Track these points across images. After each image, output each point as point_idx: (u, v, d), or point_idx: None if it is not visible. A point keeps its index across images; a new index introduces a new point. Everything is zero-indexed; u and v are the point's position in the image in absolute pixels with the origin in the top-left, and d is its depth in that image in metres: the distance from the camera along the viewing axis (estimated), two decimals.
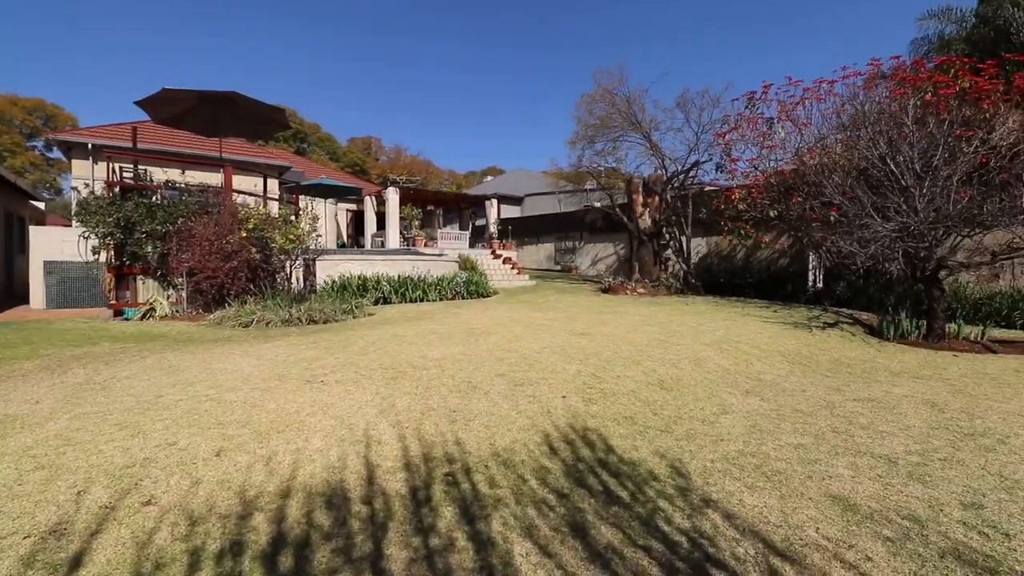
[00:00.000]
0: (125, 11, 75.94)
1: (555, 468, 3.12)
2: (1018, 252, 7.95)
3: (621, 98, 15.34)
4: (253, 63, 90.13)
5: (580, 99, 16.14)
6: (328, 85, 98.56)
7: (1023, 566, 2.11)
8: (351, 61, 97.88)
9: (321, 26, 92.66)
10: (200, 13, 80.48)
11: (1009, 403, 4.42)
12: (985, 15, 15.63)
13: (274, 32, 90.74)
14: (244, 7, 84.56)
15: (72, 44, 75.56)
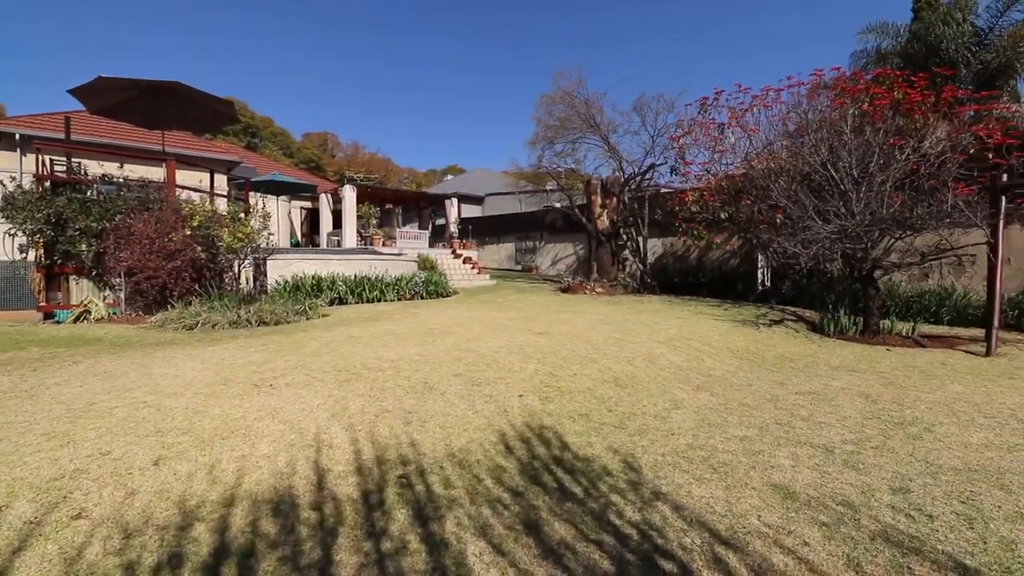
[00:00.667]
0: None
1: (511, 467, 3.12)
2: (945, 253, 8.56)
3: (580, 100, 15.56)
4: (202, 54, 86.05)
5: (540, 100, 16.29)
6: (282, 78, 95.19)
7: (944, 545, 2.27)
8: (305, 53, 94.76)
9: (276, 18, 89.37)
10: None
11: (935, 394, 4.75)
12: (918, 31, 16.78)
13: (223, 26, 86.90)
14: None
15: None
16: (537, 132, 16.21)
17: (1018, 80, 15.93)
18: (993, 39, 15.77)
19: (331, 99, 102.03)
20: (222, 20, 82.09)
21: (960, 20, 16.08)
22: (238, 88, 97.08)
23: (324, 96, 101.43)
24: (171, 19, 77.09)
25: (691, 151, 13.46)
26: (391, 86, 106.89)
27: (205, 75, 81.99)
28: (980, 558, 2.16)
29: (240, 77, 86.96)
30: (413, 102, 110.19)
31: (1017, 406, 4.31)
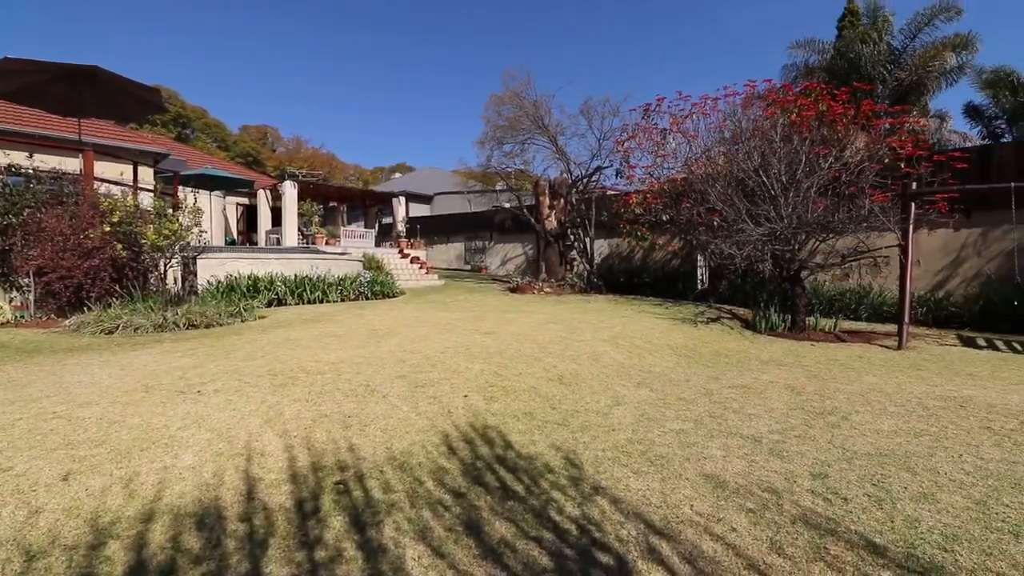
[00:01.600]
0: None
1: (453, 468, 3.09)
2: (862, 255, 9.25)
3: (529, 101, 15.69)
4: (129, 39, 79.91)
5: (489, 99, 16.29)
6: (220, 65, 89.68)
7: (857, 525, 2.43)
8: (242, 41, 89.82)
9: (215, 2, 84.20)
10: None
11: (853, 385, 5.11)
12: (841, 48, 18.08)
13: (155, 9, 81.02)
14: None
15: None
16: (486, 132, 16.22)
17: (928, 97, 17.49)
18: (906, 59, 17.23)
19: (272, 91, 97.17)
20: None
21: (877, 40, 17.47)
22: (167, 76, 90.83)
23: (264, 88, 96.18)
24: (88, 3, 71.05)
25: (635, 155, 13.89)
26: (336, 80, 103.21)
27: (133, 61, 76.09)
28: (888, 536, 2.34)
29: (168, 64, 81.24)
30: (359, 97, 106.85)
31: (923, 395, 4.71)
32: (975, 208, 9.71)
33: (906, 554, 2.19)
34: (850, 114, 9.69)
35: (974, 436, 3.61)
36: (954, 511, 2.54)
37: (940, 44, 16.47)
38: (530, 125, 15.52)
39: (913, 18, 16.97)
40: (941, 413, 4.14)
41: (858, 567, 2.10)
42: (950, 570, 2.08)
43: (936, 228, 10.16)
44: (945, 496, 2.70)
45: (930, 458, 3.21)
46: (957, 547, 2.24)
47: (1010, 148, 10.05)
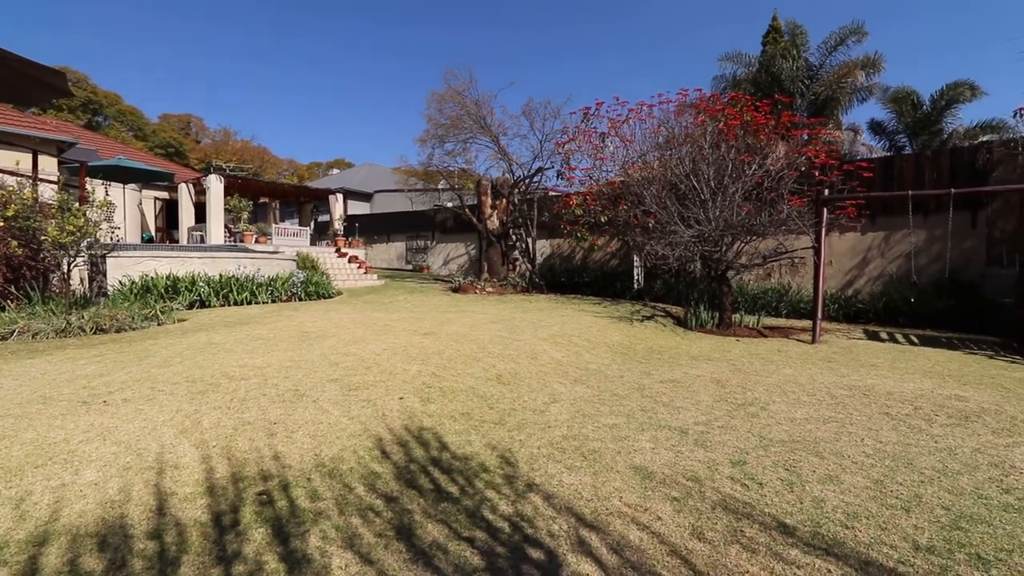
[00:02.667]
0: None
1: (386, 472, 3.01)
2: (781, 256, 9.93)
3: (471, 100, 15.63)
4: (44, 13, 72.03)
5: (430, 97, 16.07)
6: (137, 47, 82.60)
7: (770, 508, 2.59)
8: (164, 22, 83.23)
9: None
10: None
11: (771, 377, 5.46)
12: (765, 63, 19.30)
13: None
14: None
15: None
16: (428, 129, 15.99)
17: (841, 111, 18.99)
18: (822, 75, 18.63)
19: (197, 77, 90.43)
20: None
21: (796, 56, 18.78)
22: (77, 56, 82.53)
23: (188, 73, 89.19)
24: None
25: (575, 157, 14.20)
26: (271, 70, 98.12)
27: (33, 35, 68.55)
28: (797, 516, 2.51)
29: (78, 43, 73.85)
30: (295, 87, 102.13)
31: (832, 385, 5.10)
32: (879, 214, 10.65)
33: (813, 532, 2.36)
34: (771, 124, 10.39)
35: (874, 421, 3.96)
36: (855, 491, 2.77)
37: (851, 63, 17.97)
38: (472, 124, 15.47)
39: (828, 38, 18.44)
40: (847, 401, 4.50)
41: (770, 547, 2.24)
42: (850, 545, 2.26)
43: (846, 232, 11.05)
44: (848, 477, 2.94)
45: (836, 442, 3.48)
46: (857, 524, 2.43)
47: (909, 160, 11.11)
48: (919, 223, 10.18)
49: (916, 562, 2.13)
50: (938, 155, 10.78)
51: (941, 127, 18.16)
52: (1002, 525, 2.44)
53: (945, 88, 17.78)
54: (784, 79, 18.26)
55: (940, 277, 9.72)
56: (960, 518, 2.49)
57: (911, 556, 2.17)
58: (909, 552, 2.20)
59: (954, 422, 3.95)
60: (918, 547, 2.24)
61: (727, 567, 2.10)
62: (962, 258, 9.84)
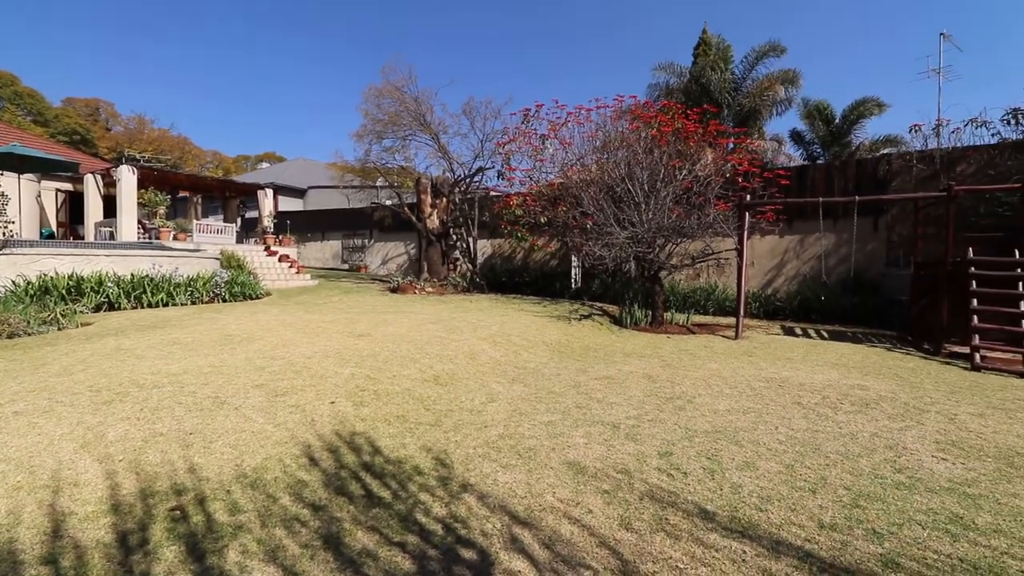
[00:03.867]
0: None
1: (314, 480, 2.88)
2: (708, 257, 10.50)
3: (410, 97, 15.34)
4: None
5: (368, 91, 15.64)
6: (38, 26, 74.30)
7: (693, 496, 2.72)
8: None
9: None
10: None
11: (698, 371, 5.74)
12: (695, 74, 20.29)
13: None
14: None
15: None
16: (365, 125, 15.54)
17: (763, 122, 20.29)
18: (746, 87, 19.83)
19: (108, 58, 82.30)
20: None
21: (723, 69, 19.89)
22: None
23: (96, 55, 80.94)
24: None
25: (515, 158, 14.31)
26: (193, 52, 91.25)
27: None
28: (717, 503, 2.64)
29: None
30: (219, 73, 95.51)
31: (752, 377, 5.44)
32: (795, 218, 11.48)
33: (730, 517, 2.50)
34: (700, 132, 10.96)
35: (788, 410, 4.25)
36: (769, 476, 2.96)
37: (772, 77, 19.27)
38: (411, 121, 15.20)
39: (750, 52, 19.68)
40: (765, 392, 4.81)
41: (692, 533, 2.34)
42: (764, 527, 2.41)
43: (766, 235, 11.84)
44: (763, 463, 3.14)
45: (754, 431, 3.71)
46: (770, 506, 2.60)
47: (821, 169, 12.07)
48: (829, 227, 11.07)
49: (820, 539, 2.31)
50: (846, 165, 11.79)
51: (850, 139, 19.87)
52: (894, 502, 2.69)
53: (854, 103, 19.48)
54: (713, 90, 19.29)
55: (847, 277, 10.62)
56: (859, 497, 2.73)
57: (816, 534, 2.35)
58: (815, 530, 2.38)
59: (856, 409, 4.32)
60: (823, 525, 2.43)
61: (652, 554, 2.18)
62: (866, 260, 10.81)
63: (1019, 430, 3.90)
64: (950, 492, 2.81)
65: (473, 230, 15.31)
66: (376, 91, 15.33)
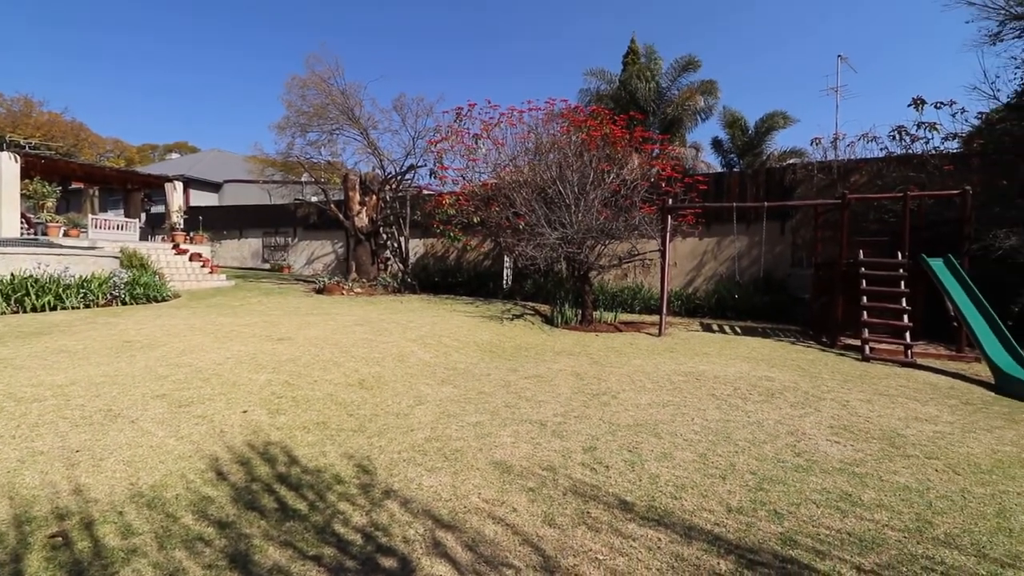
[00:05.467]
0: None
1: (221, 496, 2.68)
2: (634, 258, 10.94)
3: (337, 89, 14.73)
4: None
5: (291, 81, 14.81)
6: None
7: (614, 488, 2.80)
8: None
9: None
10: None
11: (623, 368, 5.94)
12: (624, 81, 21.08)
13: None
14: None
15: None
16: (288, 116, 14.72)
17: (686, 130, 21.42)
18: (671, 96, 20.86)
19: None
20: None
21: (649, 78, 20.80)
22: None
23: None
24: None
25: (448, 157, 14.17)
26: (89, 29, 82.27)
27: None
28: (636, 493, 2.74)
29: None
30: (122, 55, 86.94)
31: (672, 372, 5.71)
32: (713, 222, 12.21)
33: (648, 506, 2.59)
34: (627, 138, 11.40)
35: (703, 402, 4.50)
36: (684, 465, 3.11)
37: (693, 88, 20.42)
38: (339, 115, 14.61)
39: (675, 63, 20.74)
40: (683, 386, 5.06)
41: (611, 524, 2.41)
42: (678, 514, 2.52)
43: (687, 237, 12.52)
44: (679, 453, 3.29)
45: (672, 423, 3.89)
46: (684, 494, 2.73)
47: (736, 176, 12.93)
48: (743, 231, 11.89)
49: (728, 522, 2.45)
50: (757, 173, 12.73)
51: (762, 149, 21.45)
52: (794, 483, 2.91)
53: (765, 116, 21.04)
54: (640, 98, 20.13)
55: (758, 277, 11.46)
56: (763, 481, 2.93)
57: (725, 518, 2.49)
58: (723, 514, 2.52)
59: (763, 399, 4.65)
60: (730, 509, 2.58)
61: (573, 548, 2.21)
62: (774, 261, 11.71)
63: (900, 414, 4.36)
64: (841, 472, 3.08)
65: (405, 229, 14.98)
66: (300, 81, 14.60)
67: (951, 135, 10.13)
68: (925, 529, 2.45)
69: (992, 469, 3.21)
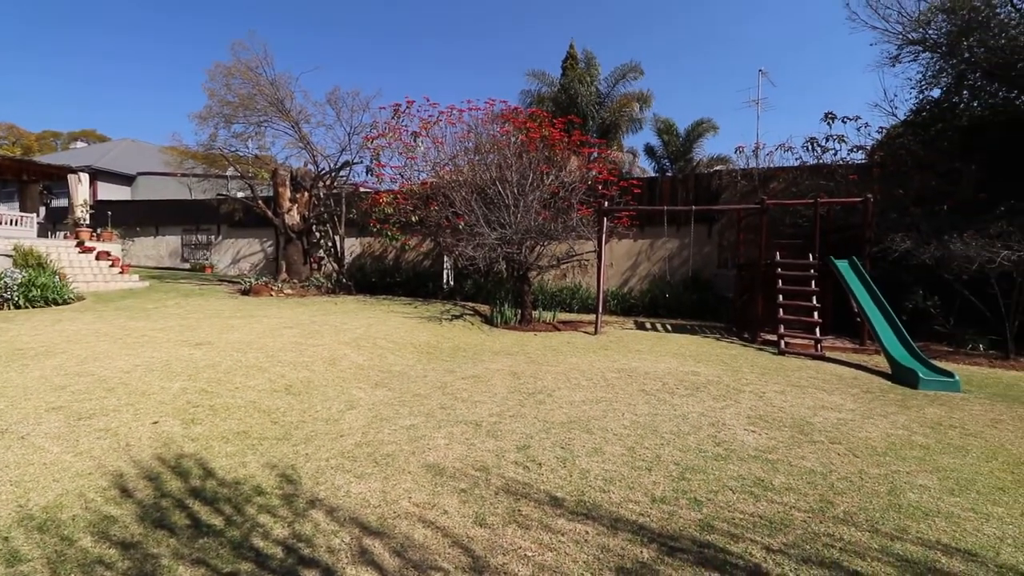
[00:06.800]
0: None
1: (125, 515, 2.46)
2: (572, 258, 11.17)
3: (266, 79, 13.99)
4: None
5: (215, 68, 13.88)
6: None
7: (546, 485, 2.83)
8: None
9: None
10: None
11: (559, 366, 6.05)
12: (564, 85, 21.46)
13: None
14: None
15: None
16: (210, 106, 13.78)
17: (623, 136, 22.11)
18: (609, 103, 21.46)
19: None
20: None
21: (589, 83, 21.30)
22: None
23: None
24: None
25: (385, 154, 13.85)
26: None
27: None
28: (566, 489, 2.79)
29: None
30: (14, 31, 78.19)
31: (606, 369, 5.87)
32: (647, 224, 12.70)
33: (577, 501, 2.65)
34: (566, 141, 11.63)
35: (633, 398, 4.66)
36: (613, 459, 3.20)
37: (630, 96, 21.13)
38: (267, 106, 13.89)
39: (615, 70, 21.37)
40: (616, 382, 5.22)
41: (542, 520, 2.44)
42: (605, 507, 2.59)
43: (623, 238, 12.94)
44: (609, 447, 3.39)
45: (604, 419, 4.00)
46: (612, 487, 2.81)
47: (667, 181, 13.51)
48: (673, 233, 12.45)
49: (652, 512, 2.55)
50: (687, 179, 13.37)
51: (692, 156, 22.54)
52: (713, 472, 3.07)
53: (694, 123, 22.13)
54: (580, 102, 20.58)
55: (688, 277, 12.04)
56: (686, 470, 3.07)
57: (649, 508, 2.59)
58: (648, 505, 2.62)
59: (689, 393, 4.89)
60: (655, 499, 2.68)
61: (503, 547, 2.22)
62: (702, 261, 12.34)
63: (809, 403, 4.72)
64: (756, 459, 3.29)
65: (340, 228, 14.47)
66: (225, 69, 13.73)
67: (856, 147, 11.10)
68: (827, 509, 2.66)
69: (886, 451, 3.54)
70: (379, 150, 13.80)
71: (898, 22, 9.92)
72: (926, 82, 10.39)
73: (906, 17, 9.79)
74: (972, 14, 8.92)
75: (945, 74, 10.10)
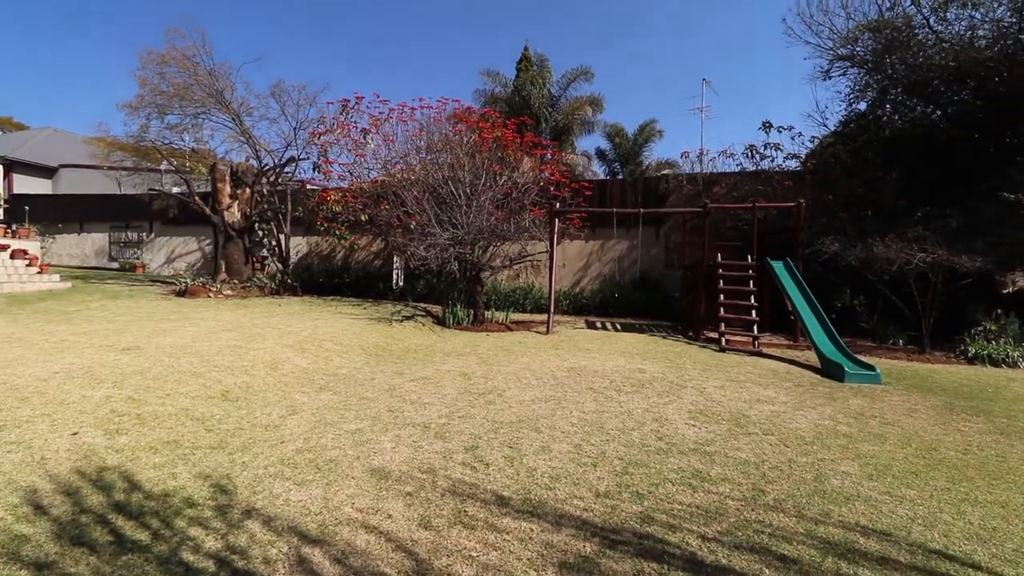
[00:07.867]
0: None
1: (39, 533, 2.28)
2: (525, 258, 11.23)
3: (204, 68, 13.25)
4: None
5: (147, 55, 13.01)
6: None
7: (492, 485, 2.84)
8: None
9: None
10: None
11: (511, 366, 6.07)
12: (518, 86, 21.55)
13: None
14: None
15: None
16: (142, 95, 12.89)
17: (575, 138, 22.45)
18: (561, 105, 21.73)
19: None
20: None
21: (542, 85, 21.49)
22: None
23: None
24: None
25: (333, 150, 13.45)
26: None
27: None
28: (513, 488, 2.80)
29: None
30: None
31: (556, 368, 5.94)
32: (597, 226, 12.96)
33: (524, 499, 2.67)
34: (518, 142, 11.68)
35: (582, 396, 4.75)
36: (560, 456, 3.25)
37: (582, 100, 21.48)
38: (205, 97, 13.17)
39: (567, 73, 21.67)
40: (565, 381, 5.30)
41: (487, 520, 2.44)
42: (551, 504, 2.63)
43: (574, 239, 13.16)
44: (556, 445, 3.43)
45: (552, 417, 4.05)
46: (558, 484, 2.85)
47: (617, 183, 13.87)
48: (623, 235, 12.77)
49: (596, 507, 2.60)
50: (636, 182, 13.77)
51: (641, 159, 23.18)
52: (655, 465, 3.17)
53: (642, 126, 22.78)
54: (533, 104, 20.73)
55: (636, 277, 12.37)
56: (629, 465, 3.16)
57: (593, 503, 2.65)
58: (592, 500, 2.68)
59: (635, 390, 5.03)
60: (598, 494, 2.75)
61: (447, 548, 2.21)
62: (651, 262, 12.72)
63: (746, 396, 4.96)
64: (695, 452, 3.43)
65: (285, 226, 13.92)
66: (158, 57, 12.91)
67: (791, 155, 11.78)
68: (759, 497, 2.80)
69: (813, 440, 3.77)
70: (327, 146, 13.39)
71: (829, 38, 10.61)
72: (854, 95, 11.18)
73: (836, 34, 10.48)
74: (894, 33, 9.65)
75: (871, 89, 10.89)
